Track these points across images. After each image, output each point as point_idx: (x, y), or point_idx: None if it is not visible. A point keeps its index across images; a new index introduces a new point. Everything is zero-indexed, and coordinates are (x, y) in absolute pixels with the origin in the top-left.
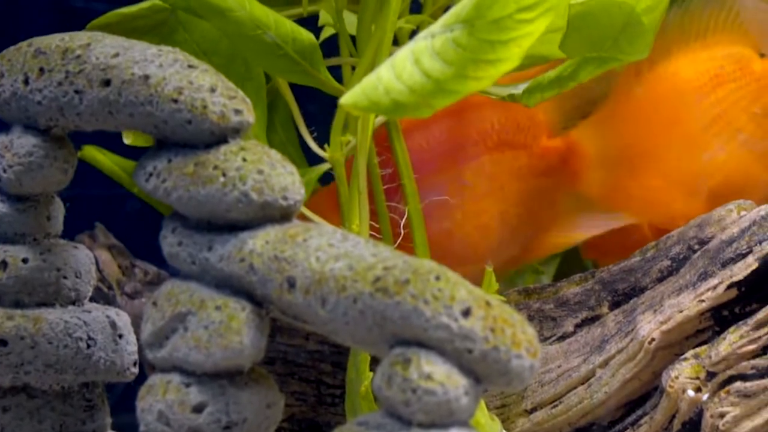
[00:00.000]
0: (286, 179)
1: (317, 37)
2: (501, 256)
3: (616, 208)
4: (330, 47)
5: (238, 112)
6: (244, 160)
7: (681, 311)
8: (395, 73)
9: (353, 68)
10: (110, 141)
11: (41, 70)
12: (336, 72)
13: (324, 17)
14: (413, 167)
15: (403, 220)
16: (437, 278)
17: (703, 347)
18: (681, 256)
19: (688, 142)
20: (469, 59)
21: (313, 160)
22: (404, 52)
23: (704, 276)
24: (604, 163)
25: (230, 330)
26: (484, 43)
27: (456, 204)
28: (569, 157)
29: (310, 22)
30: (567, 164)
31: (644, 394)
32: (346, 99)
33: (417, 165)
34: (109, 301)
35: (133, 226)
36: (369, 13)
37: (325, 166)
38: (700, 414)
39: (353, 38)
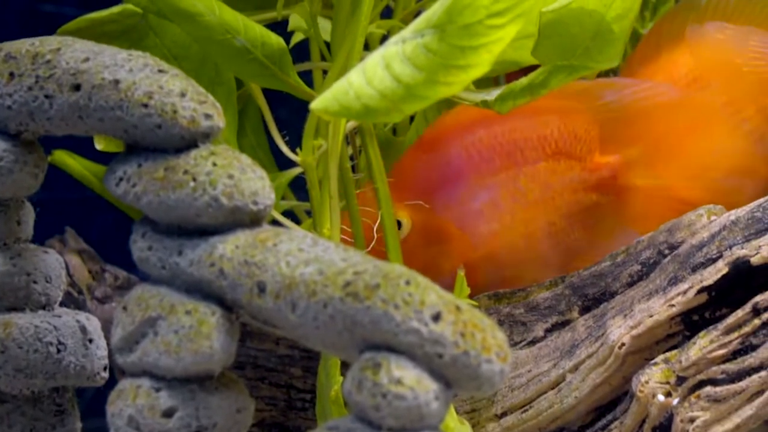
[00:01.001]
0: (257, 184)
1: (287, 42)
2: (540, 267)
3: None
4: (300, 52)
5: (208, 116)
6: (215, 164)
7: (651, 316)
8: (366, 78)
9: (324, 73)
10: (80, 145)
11: (11, 74)
12: (307, 76)
13: (294, 22)
14: (473, 163)
15: (376, 224)
16: (407, 283)
17: (674, 352)
18: (651, 261)
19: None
20: (439, 64)
21: (285, 164)
22: (375, 57)
23: (674, 281)
24: (650, 186)
25: (200, 335)
26: (454, 48)
27: (507, 207)
28: (620, 176)
29: (280, 26)
30: (616, 183)
31: (614, 399)
32: (317, 104)
33: (476, 162)
34: (80, 306)
35: (104, 230)
36: (343, 17)
37: (296, 171)
38: (670, 419)
39: (325, 43)
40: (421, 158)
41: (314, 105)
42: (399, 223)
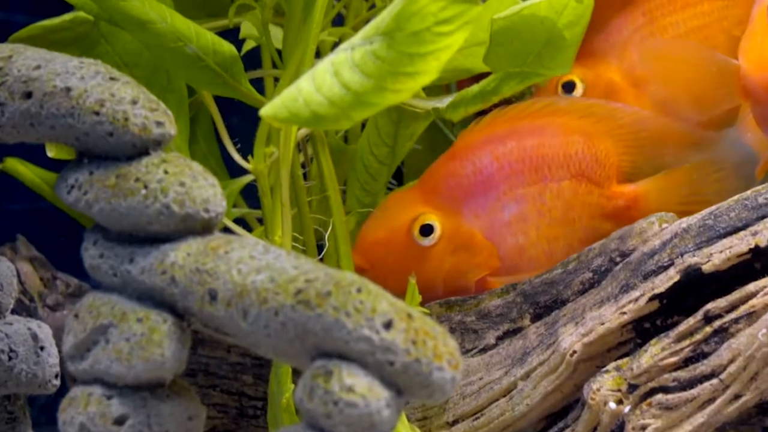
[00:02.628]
0: (208, 191)
1: (239, 50)
2: None
3: None
4: (252, 60)
5: (159, 124)
6: (166, 172)
7: (603, 323)
8: (315, 85)
9: (276, 80)
10: (32, 153)
11: None
12: (259, 84)
13: (245, 30)
14: (504, 173)
15: (328, 232)
16: (359, 290)
17: (625, 359)
18: (603, 269)
19: None
20: (388, 72)
21: (236, 172)
22: (324, 64)
23: (626, 288)
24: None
25: (151, 342)
26: (403, 55)
27: (534, 222)
28: (633, 207)
29: (231, 34)
30: (630, 214)
31: (566, 407)
32: (267, 110)
33: (507, 173)
34: (31, 314)
35: (55, 238)
36: (294, 25)
37: (247, 178)
38: (621, 426)
39: (277, 51)
40: (453, 166)
41: (263, 111)
42: (430, 228)
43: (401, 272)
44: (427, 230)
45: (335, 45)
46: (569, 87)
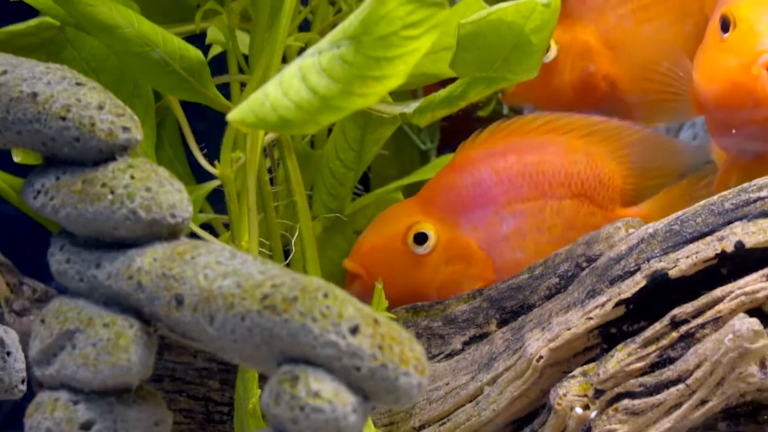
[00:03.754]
0: (174, 197)
1: (205, 55)
2: None
3: None
4: (218, 65)
5: (126, 129)
6: (132, 177)
7: (569, 329)
8: (282, 90)
9: (242, 85)
10: None
11: None
12: (225, 89)
13: (212, 35)
14: (503, 187)
15: (295, 237)
16: (325, 296)
17: (591, 365)
18: (569, 274)
19: None
20: (355, 76)
21: (203, 177)
22: (291, 69)
23: (592, 293)
24: None
25: (118, 347)
26: (370, 59)
27: (532, 238)
28: None
29: (198, 39)
30: None
31: (532, 412)
32: (234, 115)
33: (506, 187)
34: None
35: (22, 243)
36: (261, 30)
37: (214, 183)
38: (588, 431)
39: (244, 56)
40: (452, 177)
41: (231, 116)
42: (425, 236)
43: (395, 279)
44: (421, 238)
45: (302, 50)
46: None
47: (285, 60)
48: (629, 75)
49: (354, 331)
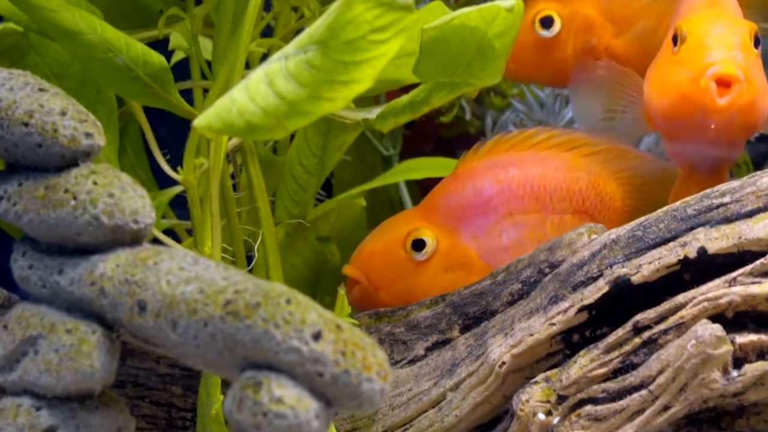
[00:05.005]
0: (137, 203)
1: (168, 61)
2: None
3: None
4: (181, 71)
5: (88, 135)
6: (95, 183)
7: (532, 335)
8: (249, 95)
9: (205, 91)
10: None
11: None
12: (188, 95)
13: (175, 41)
14: (504, 198)
15: (257, 242)
16: (288, 302)
17: (554, 371)
18: (532, 280)
19: None
20: (323, 80)
21: (166, 183)
22: (258, 74)
23: (555, 299)
24: None
25: (81, 353)
26: (337, 64)
27: (532, 250)
28: None
29: (161, 45)
30: None
31: (495, 418)
32: (200, 121)
33: (507, 197)
34: None
35: None
36: (224, 36)
37: (176, 189)
38: None
39: (207, 62)
40: (453, 186)
41: (197, 122)
42: (423, 242)
43: (395, 285)
44: (419, 245)
45: (264, 56)
46: (547, 22)
47: (248, 66)
48: (631, 47)
49: (317, 337)
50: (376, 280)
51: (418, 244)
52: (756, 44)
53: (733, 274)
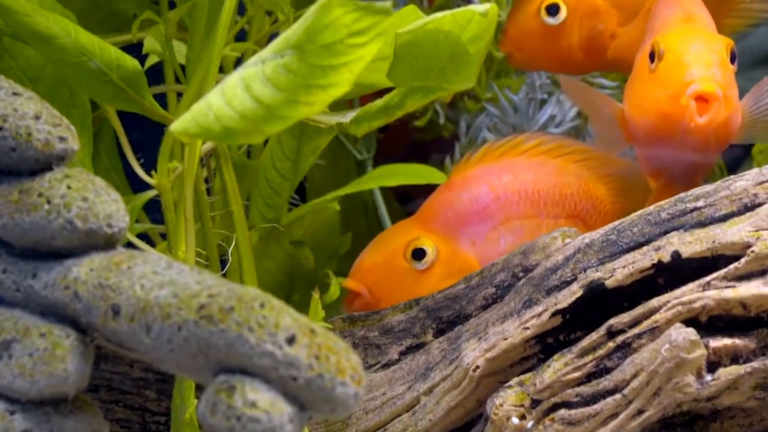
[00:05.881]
0: (111, 207)
1: (142, 65)
2: None
3: None
4: (155, 75)
5: (62, 139)
6: (69, 187)
7: (506, 339)
8: (226, 100)
9: (179, 95)
10: None
11: None
12: (162, 99)
13: (149, 45)
14: (500, 203)
15: (231, 246)
16: (262, 306)
17: (528, 375)
18: (506, 284)
19: None
20: (300, 85)
21: (140, 187)
22: (234, 79)
23: (529, 303)
24: None
25: (55, 357)
26: (315, 68)
27: None
28: None
29: (135, 49)
30: None
31: (469, 422)
32: (177, 126)
33: (503, 203)
34: None
35: None
36: (198, 40)
37: (150, 193)
38: None
39: (180, 66)
40: (449, 195)
41: (174, 127)
42: (423, 252)
43: (397, 295)
44: (420, 254)
45: (238, 60)
46: (553, 10)
47: (222, 70)
48: (637, 34)
49: (290, 341)
50: (378, 291)
51: (419, 254)
52: (732, 60)
53: (707, 278)
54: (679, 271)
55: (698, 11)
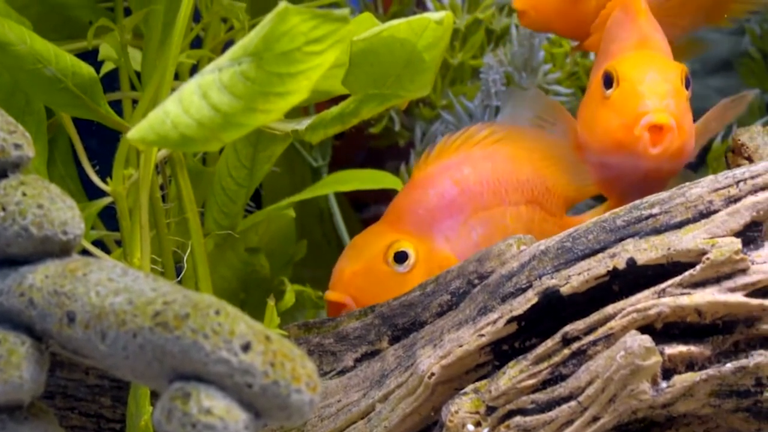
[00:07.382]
0: (66, 214)
1: (97, 72)
2: None
3: None
4: (110, 82)
5: (18, 146)
6: (24, 194)
7: (461, 346)
8: (183, 107)
9: (134, 102)
10: None
11: None
12: (117, 106)
13: (104, 52)
14: (465, 197)
15: (186, 254)
16: (217, 312)
17: (483, 382)
18: (461, 291)
19: None
20: (258, 92)
21: (95, 194)
22: (190, 86)
23: (484, 310)
24: None
25: (10, 364)
26: (272, 75)
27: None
28: None
29: (90, 56)
30: None
31: (424, 429)
32: (134, 133)
33: (468, 196)
34: None
35: None
36: (153, 47)
37: (106, 200)
38: None
39: (136, 73)
40: (416, 194)
41: (131, 135)
42: (405, 254)
43: (382, 301)
44: (402, 257)
45: (194, 67)
46: None
47: (177, 77)
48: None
49: (246, 348)
50: (363, 299)
51: (401, 256)
52: (687, 86)
53: (662, 285)
54: (634, 278)
55: (653, 35)
